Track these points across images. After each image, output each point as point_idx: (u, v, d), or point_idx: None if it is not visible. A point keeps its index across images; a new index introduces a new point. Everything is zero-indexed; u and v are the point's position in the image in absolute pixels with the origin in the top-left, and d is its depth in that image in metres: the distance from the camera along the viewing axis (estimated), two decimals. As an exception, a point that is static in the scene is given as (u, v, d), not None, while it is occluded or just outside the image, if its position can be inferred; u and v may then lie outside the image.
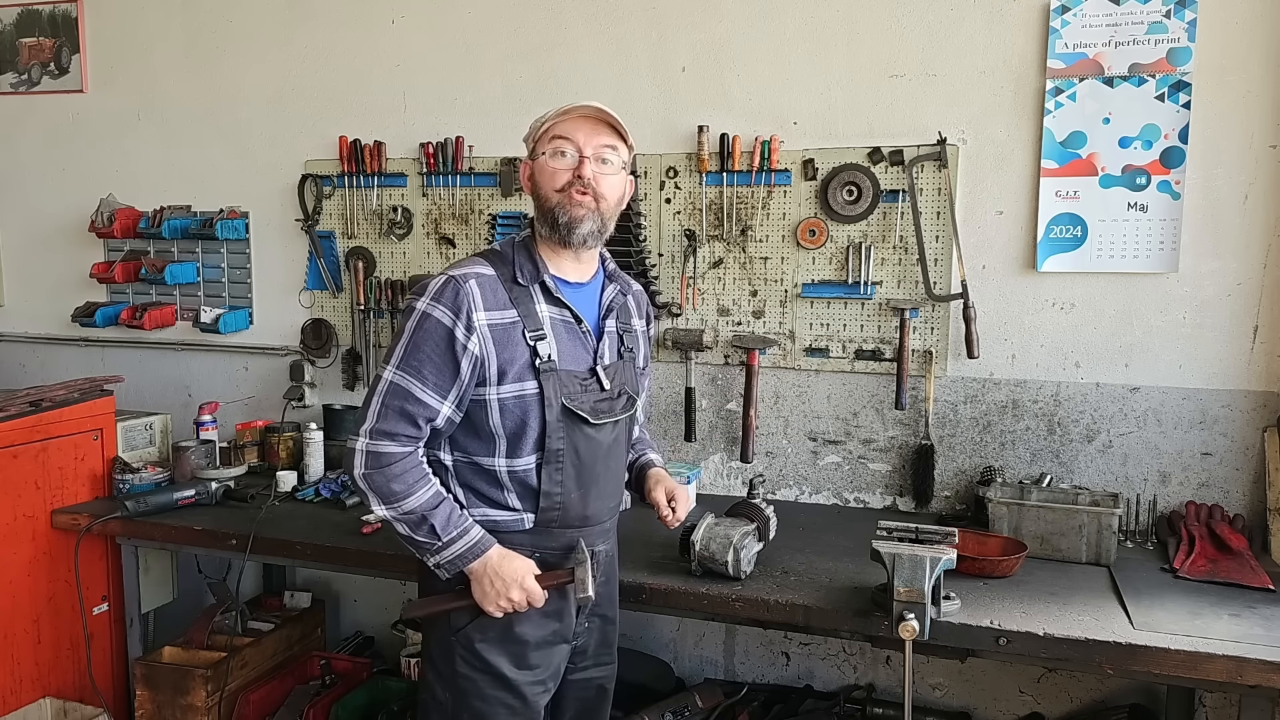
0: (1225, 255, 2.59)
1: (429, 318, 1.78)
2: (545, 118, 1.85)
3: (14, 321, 3.93)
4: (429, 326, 1.78)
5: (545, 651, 1.91)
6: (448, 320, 1.77)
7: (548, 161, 1.84)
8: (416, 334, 1.79)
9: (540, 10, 3.11)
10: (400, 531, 1.82)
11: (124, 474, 2.98)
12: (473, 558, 1.81)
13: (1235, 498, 2.64)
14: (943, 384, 2.85)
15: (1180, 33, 2.55)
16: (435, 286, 1.80)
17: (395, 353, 1.81)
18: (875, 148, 2.82)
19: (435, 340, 1.78)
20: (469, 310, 1.77)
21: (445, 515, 1.81)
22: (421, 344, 1.78)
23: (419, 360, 1.78)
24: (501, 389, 1.81)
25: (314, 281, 3.46)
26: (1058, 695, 2.84)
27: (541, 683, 1.92)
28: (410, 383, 1.79)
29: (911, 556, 1.97)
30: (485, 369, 1.80)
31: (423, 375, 1.78)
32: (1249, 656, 1.88)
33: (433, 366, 1.78)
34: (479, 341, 1.78)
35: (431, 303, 1.78)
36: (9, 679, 2.82)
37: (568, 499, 1.89)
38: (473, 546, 1.81)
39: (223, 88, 3.52)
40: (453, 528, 1.80)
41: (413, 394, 1.78)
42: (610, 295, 1.97)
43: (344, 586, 3.57)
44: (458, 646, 1.87)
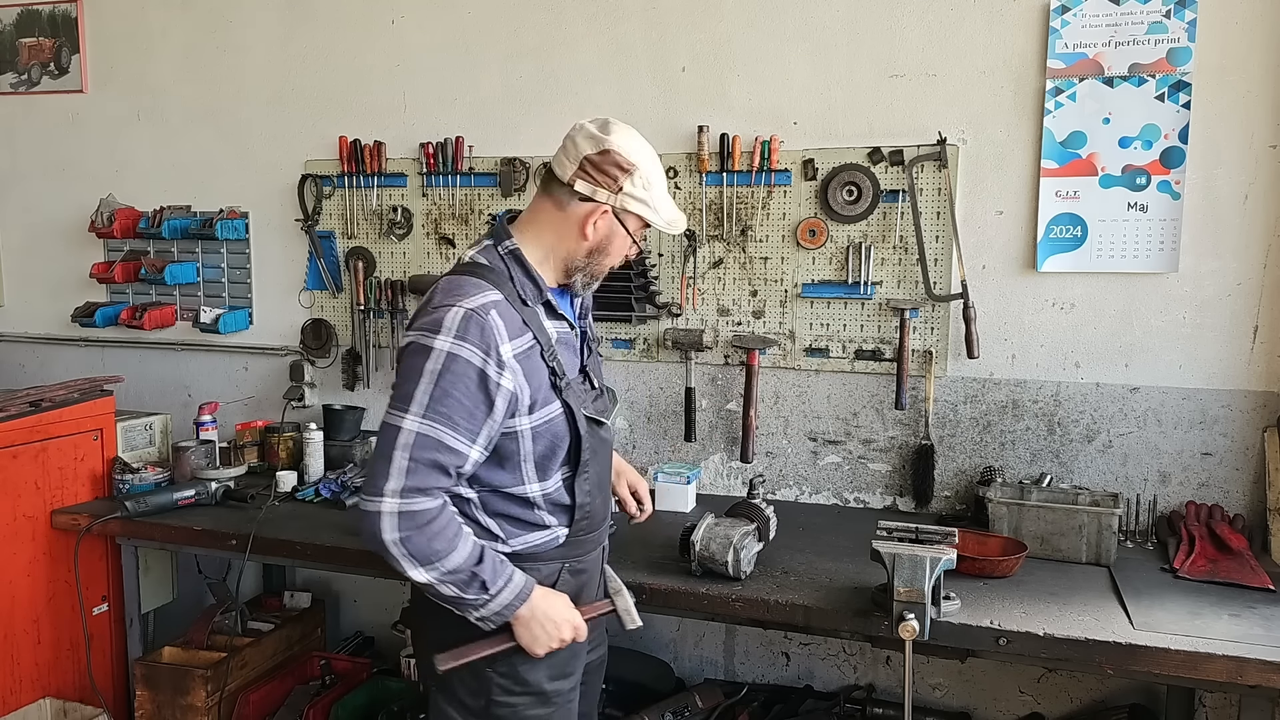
0: (1225, 255, 2.59)
1: (456, 359, 1.63)
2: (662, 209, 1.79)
3: (14, 321, 3.92)
4: (458, 369, 1.63)
5: (576, 656, 1.89)
6: (477, 360, 1.64)
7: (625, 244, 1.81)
8: (444, 378, 1.63)
9: (540, 10, 3.11)
10: (446, 594, 1.68)
11: (124, 474, 2.97)
12: (519, 604, 1.72)
13: (1235, 498, 2.64)
14: (943, 384, 2.85)
15: (1180, 33, 2.55)
16: (455, 322, 1.64)
17: (415, 398, 1.63)
18: (875, 148, 2.82)
19: (466, 383, 1.63)
20: (496, 345, 1.66)
21: (490, 566, 1.70)
22: (451, 389, 1.63)
23: (448, 406, 1.63)
24: (533, 417, 1.74)
25: (314, 281, 3.46)
26: (1058, 695, 2.84)
27: (575, 686, 1.92)
28: (441, 432, 1.63)
29: (911, 556, 1.97)
30: (518, 403, 1.70)
31: (454, 422, 1.64)
32: (1249, 657, 1.88)
33: (464, 412, 1.64)
34: (511, 376, 1.68)
35: (456, 341, 1.63)
36: (9, 679, 2.82)
37: (594, 505, 1.88)
38: (518, 593, 1.72)
39: (223, 88, 3.52)
40: (499, 577, 1.70)
41: (444, 444, 1.64)
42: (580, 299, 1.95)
43: (344, 587, 3.57)
44: (495, 676, 1.79)
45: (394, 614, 3.38)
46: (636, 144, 1.77)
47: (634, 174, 1.74)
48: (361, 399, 3.41)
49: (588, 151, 1.73)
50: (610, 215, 1.76)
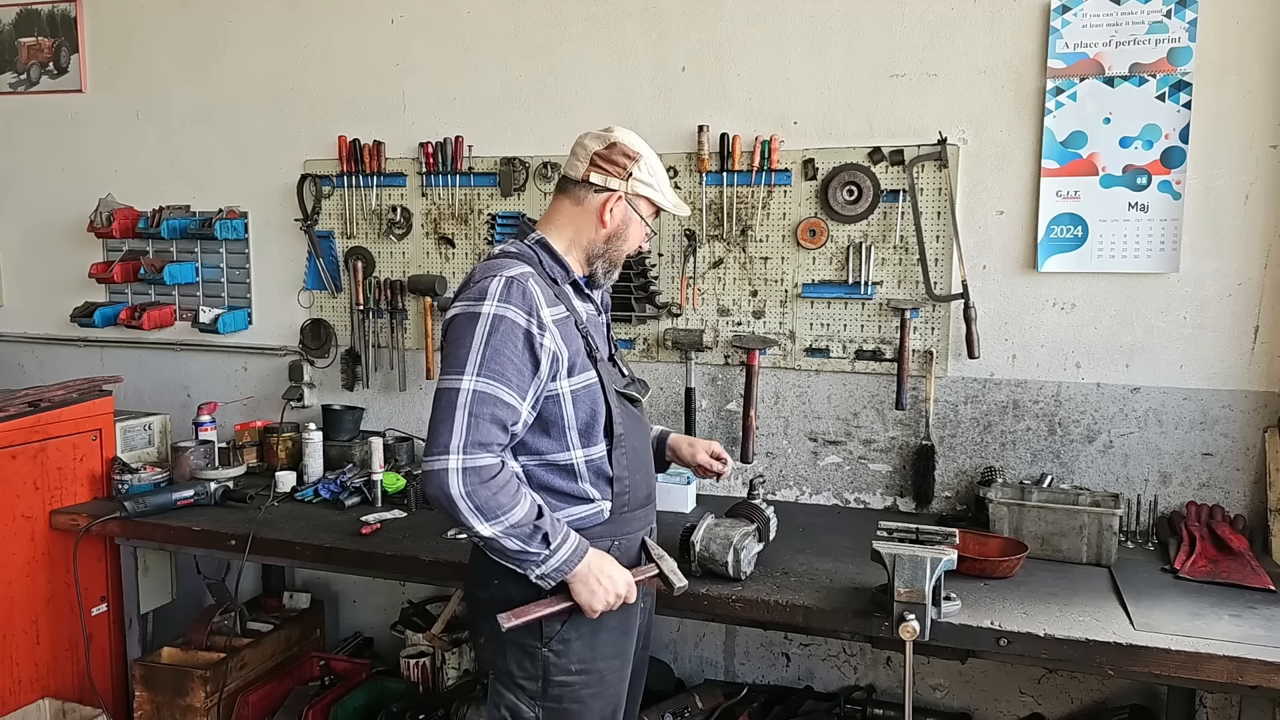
0: (1226, 255, 2.58)
1: (504, 319, 1.75)
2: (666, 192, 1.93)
3: (13, 321, 3.92)
4: (505, 329, 1.75)
5: (627, 634, 1.95)
6: (522, 320, 1.76)
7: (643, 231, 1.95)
8: (494, 337, 1.74)
9: (540, 10, 3.10)
10: (510, 548, 1.74)
11: (123, 474, 2.97)
12: (578, 560, 1.78)
13: (1236, 498, 2.63)
14: (943, 384, 2.84)
15: (1181, 32, 2.55)
16: (497, 288, 1.76)
17: (470, 360, 1.74)
18: (875, 148, 2.81)
19: (514, 341, 1.75)
20: (537, 308, 1.78)
21: (551, 521, 1.77)
22: (501, 347, 1.74)
23: (500, 364, 1.74)
24: (572, 380, 1.84)
25: (313, 281, 3.46)
26: (1058, 696, 2.83)
27: (627, 664, 1.97)
28: (497, 387, 1.74)
29: (912, 557, 1.97)
30: (559, 364, 1.81)
31: (507, 378, 1.75)
32: (1249, 657, 1.88)
33: (515, 369, 1.75)
34: (552, 337, 1.80)
35: (501, 304, 1.75)
36: (8, 679, 2.81)
37: (634, 481, 1.94)
38: (575, 549, 1.78)
39: (222, 88, 3.51)
40: (559, 533, 1.77)
41: (500, 399, 1.74)
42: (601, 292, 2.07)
43: (343, 587, 3.56)
44: (551, 656, 1.84)
45: (393, 614, 3.38)
46: (638, 140, 1.93)
47: (640, 161, 1.90)
48: (361, 399, 3.40)
49: (596, 149, 1.89)
50: (624, 201, 1.90)
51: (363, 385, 3.41)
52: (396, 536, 2.60)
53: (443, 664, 3.06)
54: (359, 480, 2.97)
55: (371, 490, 2.91)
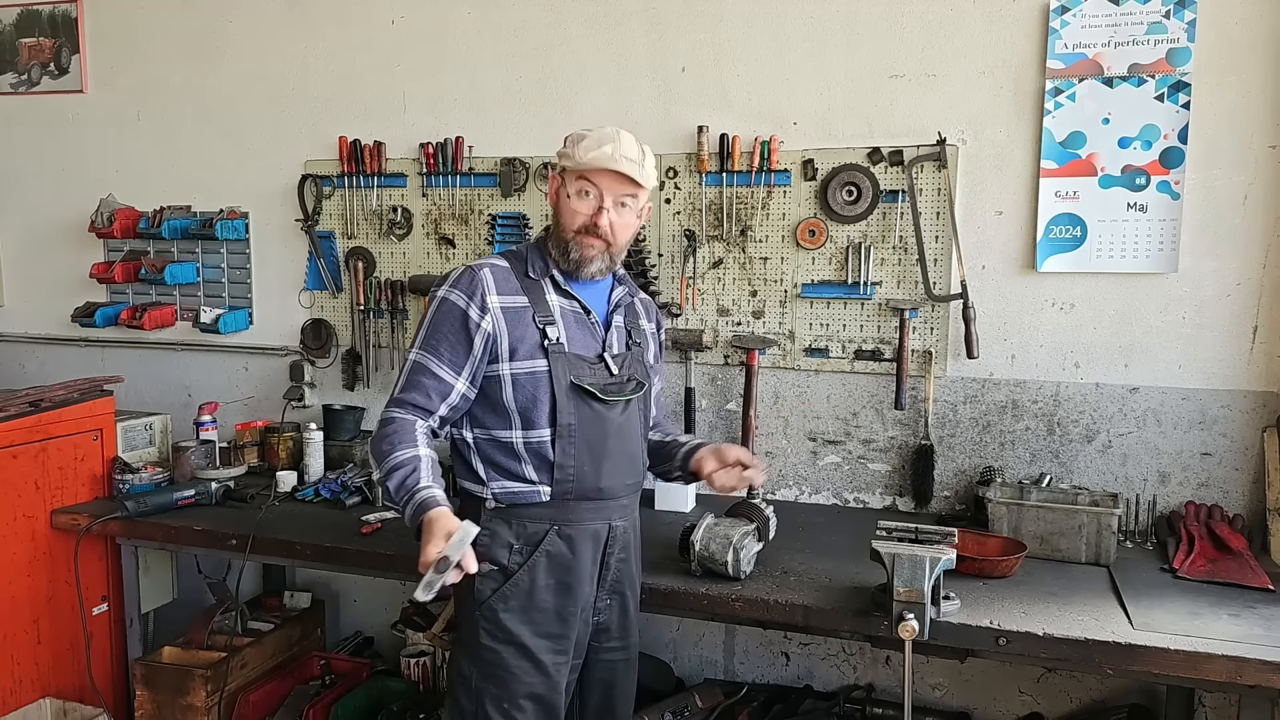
0: (1225, 255, 2.59)
1: (446, 301, 1.96)
2: (580, 154, 1.94)
3: (14, 321, 3.92)
4: (445, 309, 1.96)
5: (564, 621, 1.99)
6: (461, 302, 1.94)
7: (571, 202, 1.98)
8: (435, 316, 1.97)
9: (540, 10, 3.11)
10: (389, 487, 1.89)
11: (124, 474, 2.97)
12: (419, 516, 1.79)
13: (1235, 498, 2.64)
14: (942, 384, 2.85)
15: (1180, 33, 2.55)
16: (454, 275, 1.99)
17: (419, 335, 1.98)
18: (875, 148, 2.82)
19: (451, 320, 1.94)
20: (483, 293, 1.94)
21: (404, 476, 1.85)
22: (439, 325, 1.95)
23: (436, 339, 1.95)
24: (514, 365, 1.95)
25: (314, 282, 3.46)
26: (1057, 695, 2.84)
27: (563, 653, 2.00)
28: (428, 359, 1.95)
29: (911, 556, 1.97)
30: (498, 345, 1.94)
31: (439, 352, 1.94)
32: (1248, 656, 1.88)
33: (448, 344, 1.94)
34: (492, 320, 1.94)
35: (449, 289, 1.97)
36: (9, 679, 2.82)
37: (580, 471, 1.98)
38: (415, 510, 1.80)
39: (223, 88, 3.52)
40: (405, 491, 1.84)
41: (429, 369, 1.94)
42: (618, 295, 2.11)
43: (344, 586, 3.57)
44: (481, 620, 1.96)
45: (394, 614, 3.38)
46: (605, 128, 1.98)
47: (568, 138, 1.99)
48: (361, 399, 3.41)
49: None
50: (555, 177, 2.02)
51: (363, 385, 3.41)
52: (397, 536, 2.60)
53: (443, 663, 3.06)
54: (360, 480, 2.97)
55: (372, 490, 2.91)
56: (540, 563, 1.96)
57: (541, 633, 1.97)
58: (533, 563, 1.96)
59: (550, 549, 1.97)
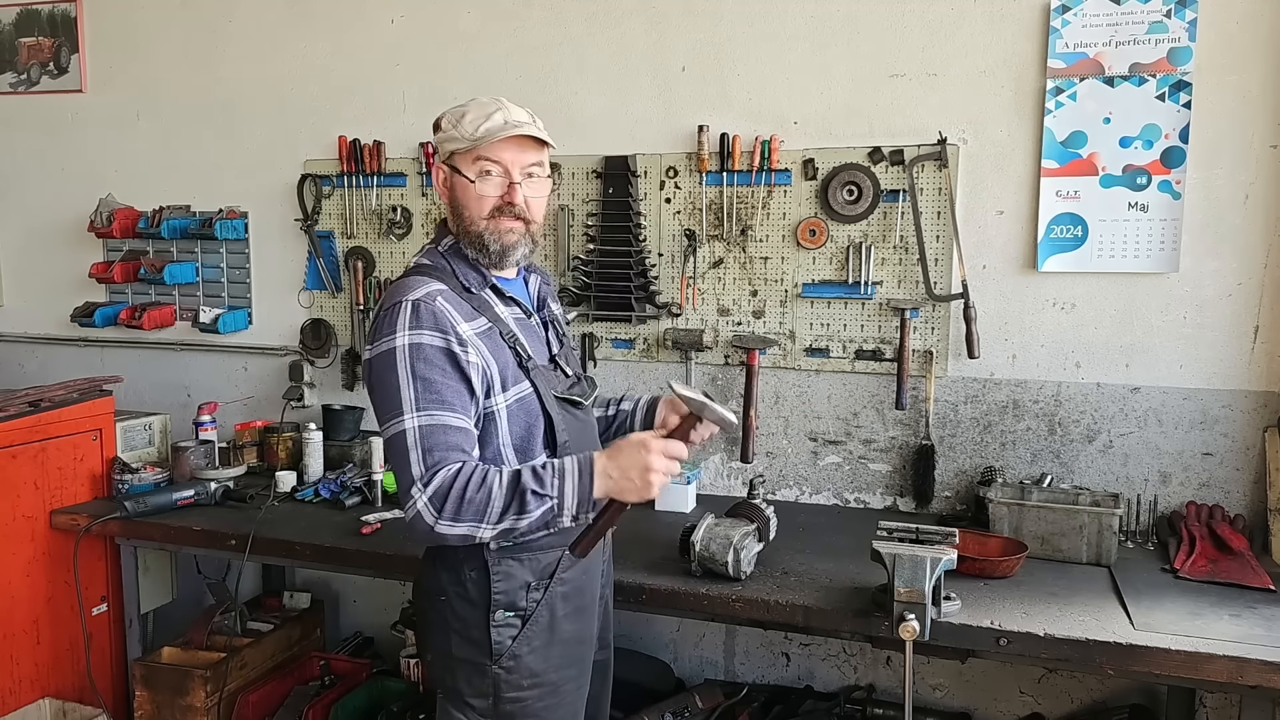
0: (1226, 255, 2.59)
1: (420, 347, 1.65)
2: (469, 130, 1.73)
3: (13, 321, 3.92)
4: (425, 355, 1.65)
5: (583, 644, 1.88)
6: (439, 341, 1.66)
7: (474, 186, 1.75)
8: (417, 366, 1.64)
9: (540, 10, 3.10)
10: (521, 528, 1.64)
11: (123, 474, 2.97)
12: (591, 480, 1.64)
13: (1236, 498, 2.63)
14: (943, 384, 2.84)
15: (1181, 32, 2.55)
16: (405, 316, 1.66)
17: (404, 400, 1.64)
18: (875, 147, 2.81)
19: (439, 364, 1.65)
20: (452, 325, 1.68)
21: (532, 476, 1.63)
22: (429, 375, 1.64)
23: (436, 391, 1.64)
24: (506, 395, 1.74)
25: (313, 281, 3.46)
26: (1058, 696, 2.83)
27: (584, 673, 1.89)
28: (441, 416, 1.64)
29: (912, 557, 1.97)
30: (490, 377, 1.72)
31: (448, 403, 1.65)
32: (1249, 657, 1.88)
33: (453, 390, 1.66)
34: (476, 352, 1.70)
35: (412, 332, 1.66)
36: (8, 679, 2.82)
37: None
38: (580, 476, 1.64)
39: (222, 88, 3.51)
40: (549, 477, 1.64)
41: (450, 425, 1.64)
42: (536, 286, 1.94)
43: (343, 587, 3.57)
44: (501, 673, 1.77)
45: (393, 614, 3.38)
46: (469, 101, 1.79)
47: (443, 120, 1.79)
48: (361, 399, 3.40)
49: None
50: (441, 166, 1.82)
51: (363, 385, 3.40)
52: (397, 536, 2.59)
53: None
54: (359, 480, 2.97)
55: (372, 490, 2.91)
56: (557, 593, 1.80)
57: (566, 664, 1.83)
58: (550, 595, 1.79)
59: (565, 576, 1.82)
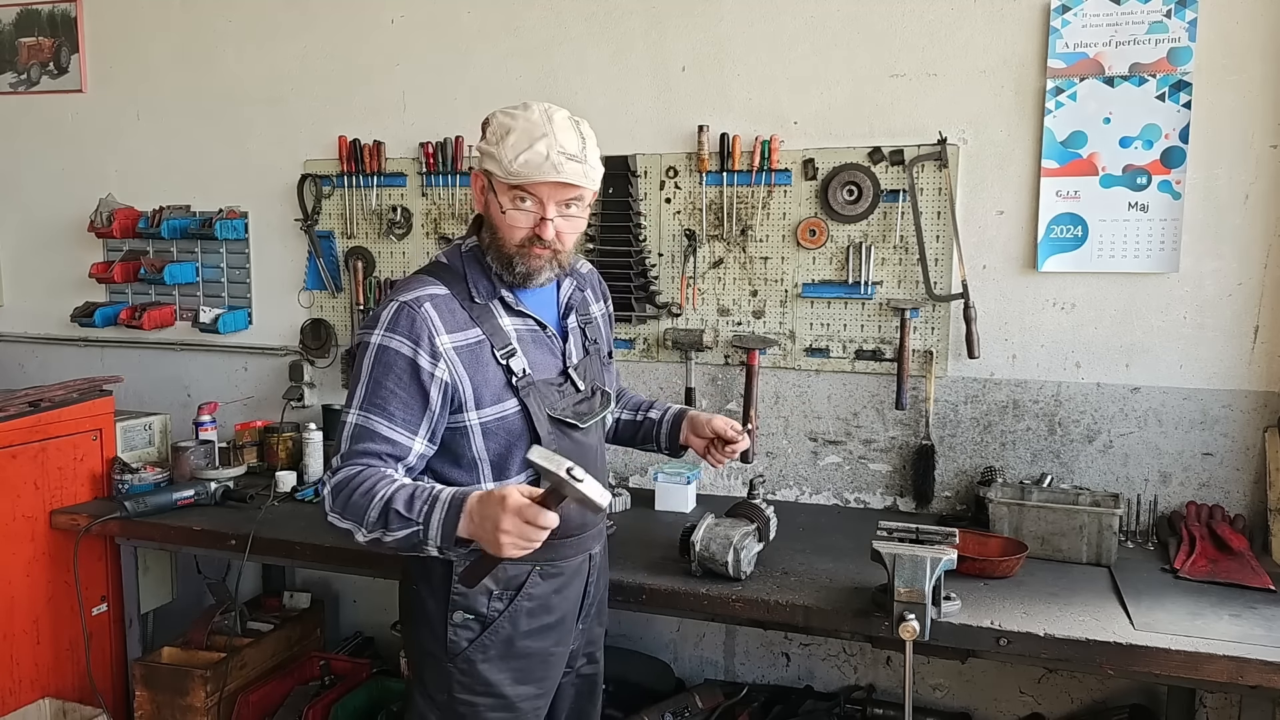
0: (1226, 255, 2.58)
1: (386, 350, 1.66)
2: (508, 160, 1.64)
3: (13, 321, 3.92)
4: (388, 360, 1.66)
5: (546, 664, 1.85)
6: (407, 350, 1.66)
7: (509, 212, 1.69)
8: (376, 369, 1.66)
9: (540, 9, 3.10)
10: (388, 541, 1.61)
11: (123, 474, 2.97)
12: (457, 517, 1.57)
13: (1236, 498, 2.63)
14: (943, 384, 2.84)
15: (1181, 32, 2.55)
16: (387, 316, 1.68)
17: (355, 394, 1.68)
18: (875, 147, 2.81)
19: (397, 373, 1.66)
20: (429, 335, 1.66)
21: (405, 499, 1.59)
22: (383, 379, 1.66)
23: (381, 397, 1.66)
24: (481, 413, 1.71)
25: (313, 281, 3.46)
26: (1058, 696, 2.83)
27: (543, 696, 1.87)
28: (375, 421, 1.66)
29: (912, 557, 1.97)
30: (460, 394, 1.69)
31: (389, 412, 1.66)
32: (1250, 657, 1.88)
33: (399, 402, 1.66)
34: (447, 367, 1.67)
35: (386, 334, 1.66)
36: (8, 679, 2.82)
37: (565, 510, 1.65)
38: (446, 510, 1.57)
39: (222, 87, 3.51)
40: (419, 502, 1.59)
41: (378, 433, 1.66)
42: (568, 292, 1.90)
43: (343, 587, 3.56)
44: (456, 672, 1.78)
45: (393, 614, 3.34)
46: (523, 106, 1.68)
47: (489, 127, 1.69)
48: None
49: None
50: (480, 176, 1.73)
51: (363, 385, 3.40)
52: (397, 536, 2.60)
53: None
54: (359, 480, 2.97)
55: (372, 490, 2.90)
56: (522, 608, 1.78)
57: (523, 680, 1.81)
58: (514, 609, 1.77)
59: (533, 591, 1.79)
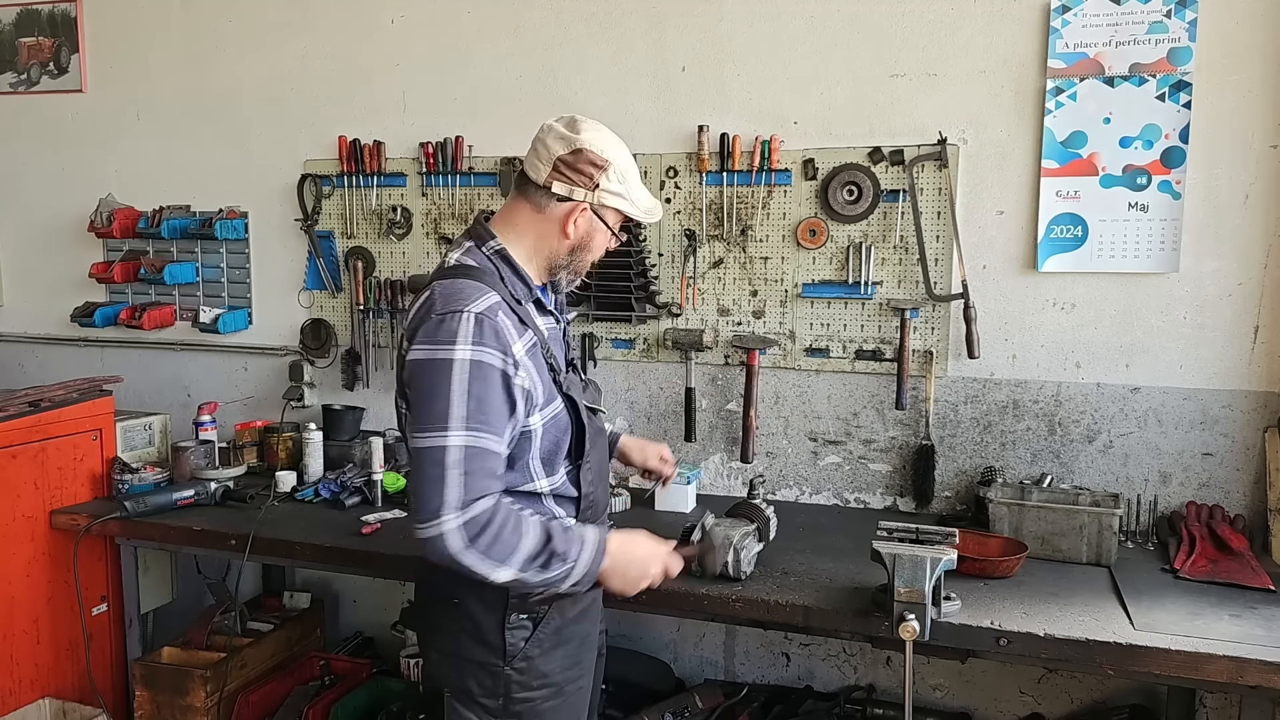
0: (1226, 255, 2.58)
1: (481, 365, 1.64)
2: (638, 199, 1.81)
3: (13, 321, 3.92)
4: (483, 374, 1.64)
5: (586, 645, 1.92)
6: (499, 363, 1.66)
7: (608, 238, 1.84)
8: (474, 384, 1.63)
9: (540, 10, 3.10)
10: (531, 581, 1.67)
11: (123, 474, 2.97)
12: (602, 557, 1.73)
13: (1236, 498, 2.63)
14: (943, 384, 2.84)
15: (1181, 32, 2.55)
16: (468, 329, 1.64)
17: (453, 413, 1.62)
18: (875, 147, 2.81)
19: (494, 387, 1.65)
20: (509, 345, 1.68)
21: (561, 538, 1.69)
22: (485, 396, 1.64)
23: (486, 413, 1.64)
24: (543, 414, 1.76)
25: (313, 281, 3.46)
26: (1058, 696, 2.83)
27: (585, 676, 1.92)
28: (487, 439, 1.64)
29: (912, 557, 1.97)
30: (533, 400, 1.73)
31: (493, 427, 1.65)
32: (1249, 657, 1.88)
33: (499, 415, 1.66)
34: (525, 374, 1.71)
35: (475, 348, 1.64)
36: (8, 679, 2.81)
37: (596, 494, 1.90)
38: (596, 551, 1.72)
39: (222, 87, 3.51)
40: (573, 544, 1.70)
41: (491, 450, 1.65)
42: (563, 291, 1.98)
43: (343, 587, 3.57)
44: (513, 674, 1.79)
45: (393, 614, 3.38)
46: (607, 139, 1.78)
47: (608, 170, 1.76)
48: (361, 399, 3.40)
49: (560, 152, 1.75)
50: (589, 213, 1.79)
51: (363, 385, 3.41)
52: (397, 536, 2.60)
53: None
54: (359, 480, 2.97)
55: (372, 490, 2.91)
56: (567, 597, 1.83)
57: (571, 665, 1.87)
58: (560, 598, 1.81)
59: None
